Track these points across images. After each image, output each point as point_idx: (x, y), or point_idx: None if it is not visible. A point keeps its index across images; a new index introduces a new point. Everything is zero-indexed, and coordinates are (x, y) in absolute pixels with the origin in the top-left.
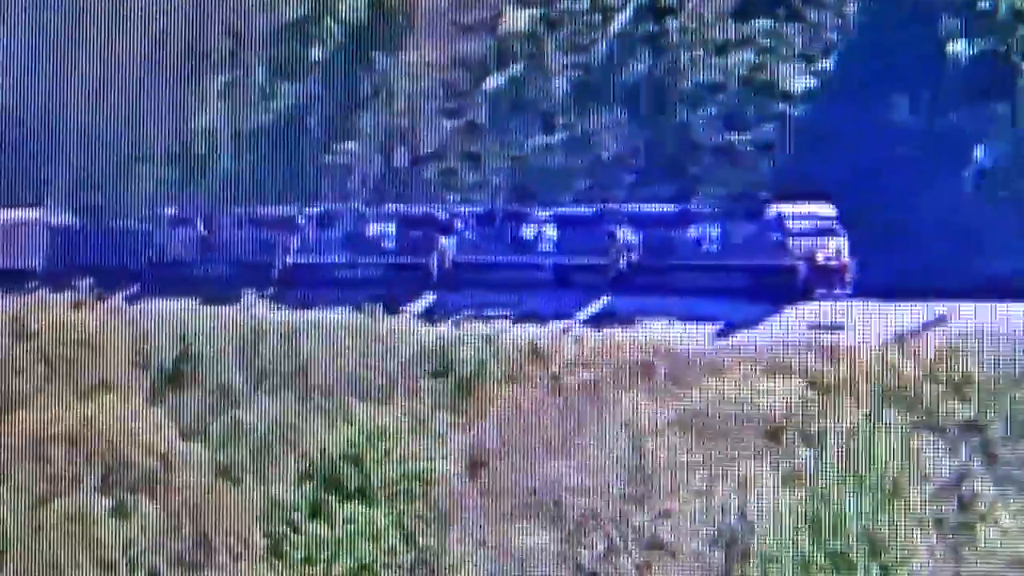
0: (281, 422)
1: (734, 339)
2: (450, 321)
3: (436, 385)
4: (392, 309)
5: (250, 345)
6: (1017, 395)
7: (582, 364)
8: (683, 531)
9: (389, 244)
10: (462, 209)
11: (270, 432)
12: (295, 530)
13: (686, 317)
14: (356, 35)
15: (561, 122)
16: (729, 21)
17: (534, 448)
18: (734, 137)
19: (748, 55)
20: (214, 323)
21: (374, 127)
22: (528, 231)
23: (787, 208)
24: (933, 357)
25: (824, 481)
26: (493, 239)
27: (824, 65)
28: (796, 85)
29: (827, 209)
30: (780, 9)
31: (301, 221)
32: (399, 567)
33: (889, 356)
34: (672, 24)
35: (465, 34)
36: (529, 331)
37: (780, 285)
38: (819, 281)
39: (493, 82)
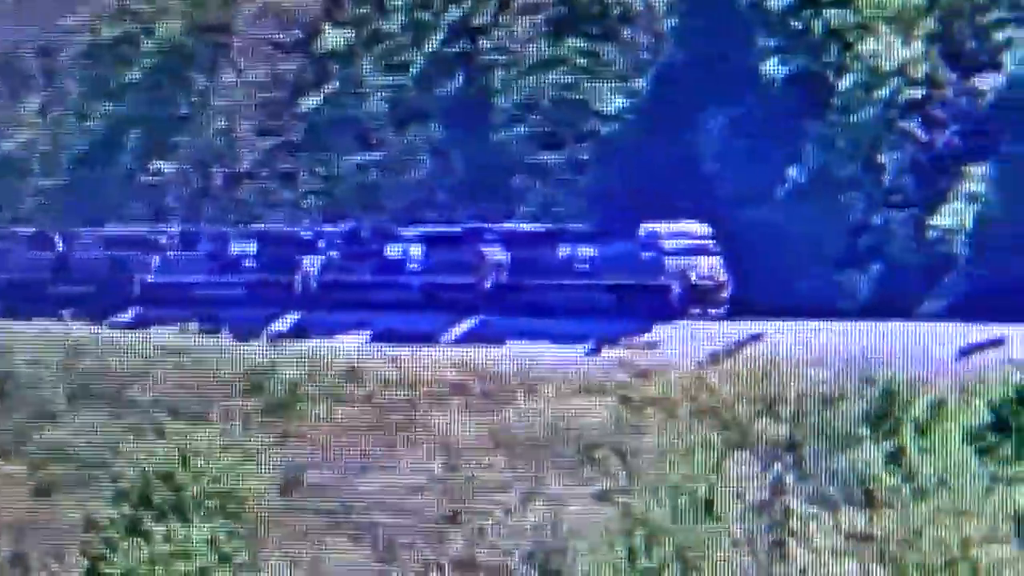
0: (97, 440)
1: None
2: (265, 340)
3: (251, 404)
4: (248, 332)
5: (67, 364)
6: (829, 413)
7: (397, 384)
8: (496, 550)
9: (250, 263)
10: (327, 228)
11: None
12: (112, 548)
13: (557, 337)
14: (174, 54)
15: (377, 140)
16: (542, 41)
17: (348, 467)
18: (548, 157)
19: (560, 75)
20: (33, 342)
21: (191, 146)
22: (394, 250)
23: (660, 227)
24: (747, 376)
25: (638, 499)
26: (359, 258)
27: (638, 85)
28: (609, 104)
29: (702, 228)
30: (594, 28)
31: (163, 240)
32: None
33: (703, 375)
34: (484, 43)
35: (282, 53)
36: (348, 350)
37: (654, 304)
38: (693, 300)
39: (309, 101)
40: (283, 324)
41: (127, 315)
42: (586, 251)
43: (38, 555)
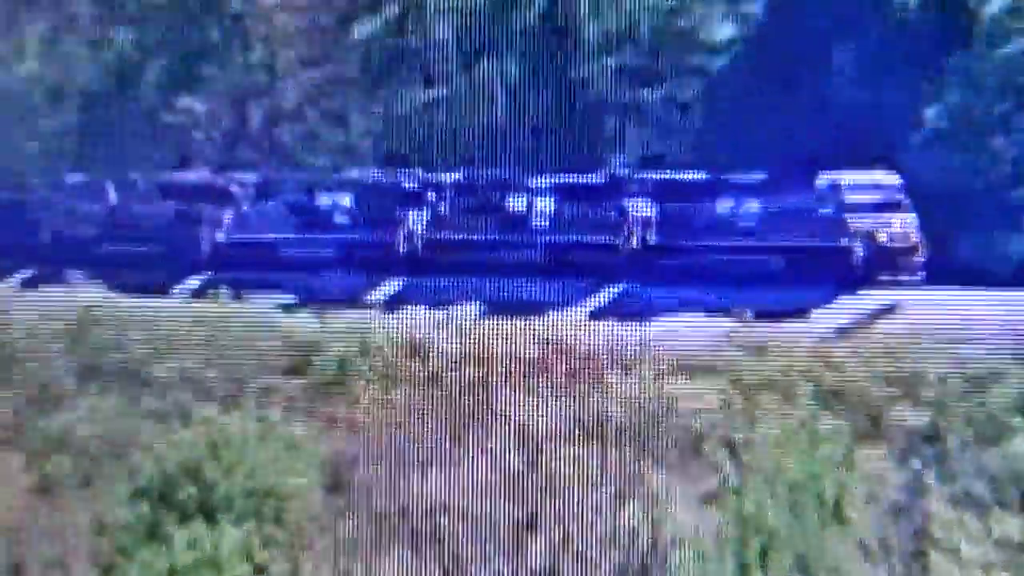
0: (109, 428)
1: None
2: (308, 310)
3: (292, 386)
4: (344, 298)
5: (75, 337)
6: (980, 399)
7: (466, 361)
8: (583, 561)
9: (343, 218)
10: (435, 176)
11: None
12: (127, 556)
13: (715, 310)
14: None
15: (443, 76)
16: None
17: (407, 461)
18: (645, 94)
19: None
20: (36, 309)
21: (224, 81)
22: (516, 203)
23: (843, 177)
24: (881, 353)
25: (752, 500)
26: (473, 213)
27: (751, 9)
28: (718, 33)
29: (891, 178)
30: None
31: (235, 189)
32: None
33: (829, 351)
34: None
35: None
36: (405, 322)
37: (834, 270)
38: (882, 265)
39: (364, 28)
40: (382, 292)
41: (194, 282)
42: (752, 206)
43: (38, 565)
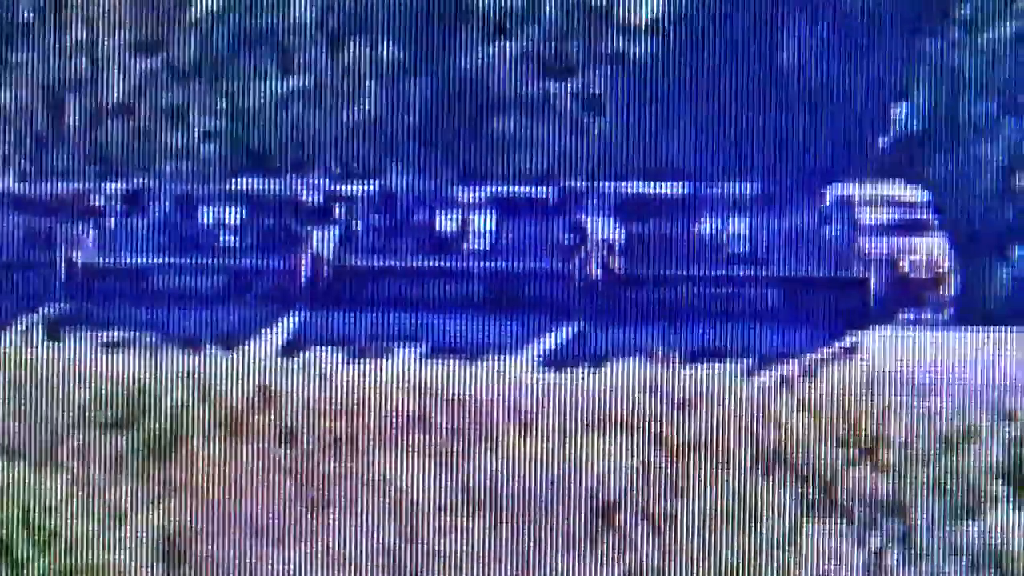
0: None
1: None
2: (137, 352)
3: (121, 441)
4: (230, 342)
5: None
6: (951, 461)
7: (331, 413)
8: None
9: (231, 239)
10: (345, 188)
11: None
12: None
13: (697, 354)
14: None
15: (304, 63)
16: None
17: (258, 531)
18: (551, 86)
19: None
20: None
21: (40, 71)
22: (448, 220)
23: (854, 191)
24: (833, 406)
25: None
26: (393, 233)
27: None
28: (639, 14)
29: (915, 193)
30: None
31: (98, 202)
32: None
33: (770, 404)
34: None
35: None
36: (260, 365)
37: (844, 305)
38: (903, 299)
39: (207, 5)
40: (278, 333)
41: (38, 315)
42: (741, 226)
43: None
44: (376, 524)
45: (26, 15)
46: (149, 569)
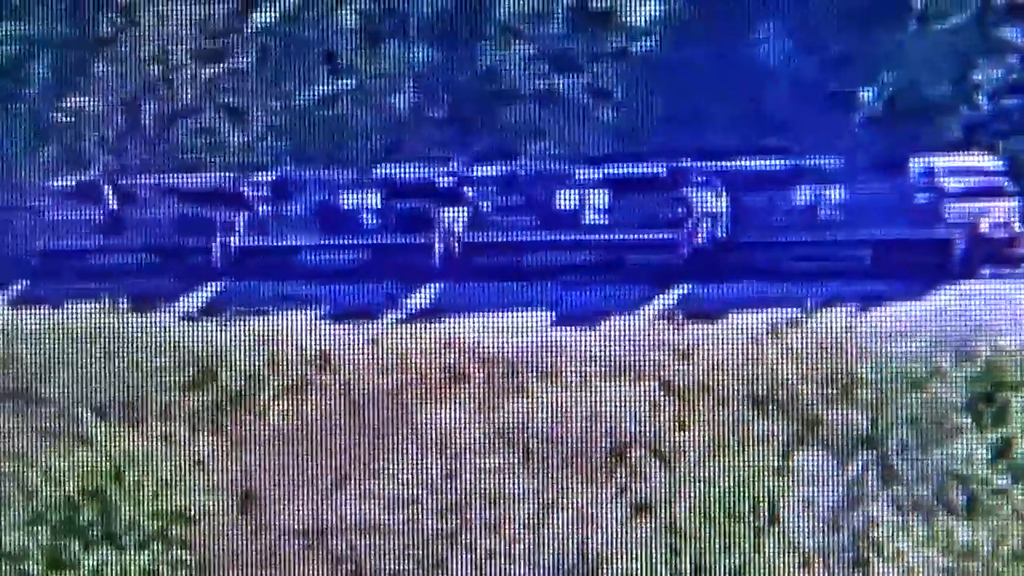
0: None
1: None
2: (215, 320)
3: (197, 400)
4: (378, 310)
5: None
6: (920, 398)
7: (380, 370)
8: None
9: (371, 220)
10: (474, 171)
11: None
12: None
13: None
14: None
15: (347, 66)
16: None
17: (320, 476)
18: (559, 82)
19: None
20: None
21: (115, 76)
22: (567, 198)
23: (939, 160)
24: (816, 352)
25: (683, 509)
26: (518, 211)
27: None
28: (639, 14)
29: (992, 161)
30: None
31: (247, 191)
32: None
33: (761, 351)
34: None
35: None
36: (320, 331)
37: (930, 263)
38: (983, 256)
39: (262, 17)
40: (414, 301)
41: (204, 293)
42: (835, 195)
43: None
44: (421, 465)
45: (107, 30)
46: (226, 511)
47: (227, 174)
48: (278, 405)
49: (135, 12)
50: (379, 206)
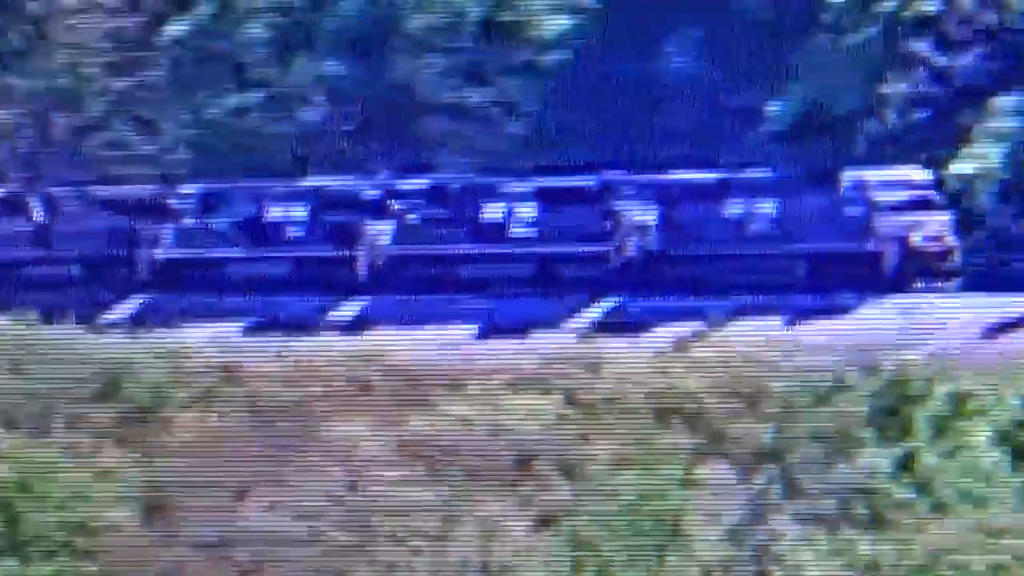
0: None
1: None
2: (123, 332)
3: (104, 411)
4: (294, 322)
5: None
6: (824, 411)
7: (285, 383)
8: None
9: (297, 232)
10: (401, 184)
11: None
12: None
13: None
14: None
15: (258, 78)
16: None
17: (225, 487)
18: (469, 94)
19: None
20: None
21: (26, 89)
22: (495, 210)
23: (870, 174)
24: (721, 365)
25: (588, 522)
26: (445, 223)
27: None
28: (548, 27)
29: (922, 174)
30: None
31: (174, 203)
32: None
33: (668, 364)
34: None
35: None
36: (221, 341)
37: (861, 276)
38: (914, 270)
39: (173, 30)
40: (340, 314)
41: (128, 306)
42: (766, 208)
43: None
44: (327, 477)
45: (18, 43)
46: (132, 522)
47: (146, 186)
48: (184, 417)
49: (45, 24)
50: (305, 218)
